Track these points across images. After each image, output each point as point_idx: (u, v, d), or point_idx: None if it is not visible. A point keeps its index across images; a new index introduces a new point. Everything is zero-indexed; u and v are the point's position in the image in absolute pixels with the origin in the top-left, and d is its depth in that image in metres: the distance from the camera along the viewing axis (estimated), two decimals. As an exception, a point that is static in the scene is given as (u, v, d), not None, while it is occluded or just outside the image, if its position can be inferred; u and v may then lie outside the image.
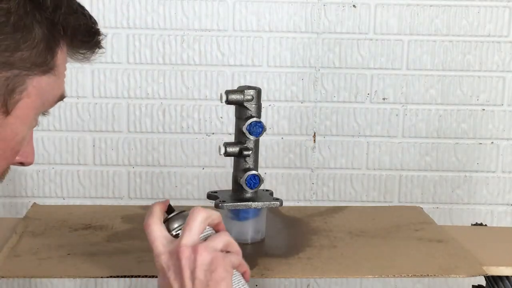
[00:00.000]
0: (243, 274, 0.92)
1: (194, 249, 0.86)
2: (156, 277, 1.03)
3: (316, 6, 1.99)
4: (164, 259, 0.87)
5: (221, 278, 0.86)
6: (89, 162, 2.04)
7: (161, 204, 0.93)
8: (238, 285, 0.89)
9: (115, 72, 1.99)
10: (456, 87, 2.04)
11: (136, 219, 1.28)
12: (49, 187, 2.05)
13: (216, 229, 0.92)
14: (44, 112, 0.83)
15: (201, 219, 0.89)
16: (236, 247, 0.91)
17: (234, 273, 0.90)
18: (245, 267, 0.92)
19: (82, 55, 0.83)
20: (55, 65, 0.79)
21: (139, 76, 2.00)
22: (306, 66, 2.01)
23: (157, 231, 0.89)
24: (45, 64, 0.77)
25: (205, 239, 0.89)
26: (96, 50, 0.83)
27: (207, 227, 0.90)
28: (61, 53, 0.80)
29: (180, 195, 2.04)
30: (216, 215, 0.91)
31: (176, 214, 0.92)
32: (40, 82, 0.78)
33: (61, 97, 0.84)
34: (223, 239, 0.89)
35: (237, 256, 0.90)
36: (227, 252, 0.89)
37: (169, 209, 0.93)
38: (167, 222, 0.91)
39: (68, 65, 0.84)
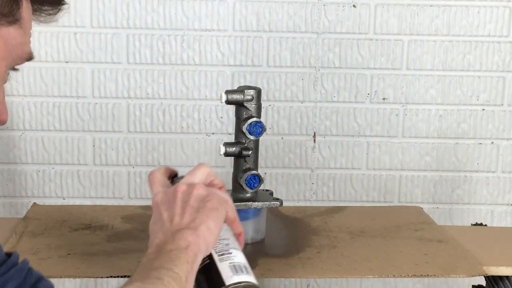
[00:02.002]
0: (237, 237, 0.92)
1: (192, 185, 0.88)
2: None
3: (316, 6, 1.99)
4: (160, 195, 0.88)
5: (214, 207, 0.86)
6: (89, 162, 2.04)
7: (168, 167, 0.96)
8: (227, 244, 0.89)
9: (115, 72, 1.99)
10: (456, 87, 2.04)
11: (136, 219, 1.28)
12: (49, 187, 2.04)
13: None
14: (14, 67, 0.83)
15: (204, 171, 0.91)
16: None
17: (225, 227, 0.90)
18: (240, 228, 0.92)
19: (45, 13, 0.84)
20: (21, 17, 0.80)
21: (139, 76, 2.00)
22: (306, 66, 2.01)
23: (159, 176, 0.92)
24: (11, 15, 0.78)
25: None
26: (60, 6, 0.84)
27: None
28: (27, 5, 0.81)
29: (180, 195, 2.04)
30: (219, 180, 0.92)
31: (181, 177, 0.94)
32: (8, 32, 0.79)
33: (30, 56, 0.84)
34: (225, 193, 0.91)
35: (234, 211, 0.91)
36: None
37: (175, 176, 0.97)
38: (171, 183, 0.93)
39: (68, 65, 0.84)
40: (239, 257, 0.88)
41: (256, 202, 1.17)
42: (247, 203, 1.16)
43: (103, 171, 2.04)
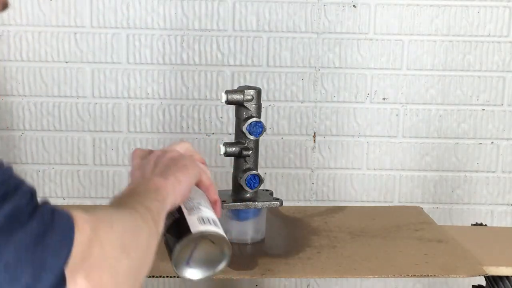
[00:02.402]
0: (213, 205, 0.93)
1: (167, 150, 0.91)
2: (156, 276, 1.03)
3: (316, 6, 1.99)
4: (136, 161, 0.91)
5: (185, 165, 0.88)
6: (89, 162, 2.04)
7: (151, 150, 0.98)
8: (199, 203, 0.90)
9: (115, 72, 1.99)
10: (456, 87, 2.04)
11: (136, 219, 1.28)
12: (49, 187, 2.04)
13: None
14: None
15: (184, 145, 0.94)
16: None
17: (200, 192, 0.92)
18: (216, 195, 0.93)
19: None
20: None
21: (139, 76, 2.00)
22: (306, 66, 2.01)
23: (140, 152, 0.94)
24: None
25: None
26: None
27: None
28: None
29: (180, 195, 2.04)
30: (199, 156, 0.96)
31: None
32: None
33: (5, 4, 0.83)
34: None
35: (209, 178, 0.93)
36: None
37: None
38: None
39: (68, 65, 0.84)
40: (208, 213, 0.89)
41: (256, 202, 1.17)
42: (247, 203, 1.16)
43: (103, 171, 2.04)
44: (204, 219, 0.87)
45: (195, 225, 0.86)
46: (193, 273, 0.86)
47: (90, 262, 0.66)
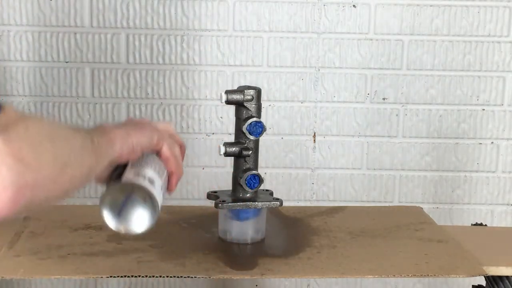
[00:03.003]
0: (170, 176, 0.95)
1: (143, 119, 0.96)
2: (156, 276, 1.03)
3: (316, 6, 1.99)
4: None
5: (142, 127, 0.91)
6: (89, 162, 2.04)
7: None
8: (149, 166, 0.91)
9: (115, 72, 1.99)
10: (456, 87, 2.04)
11: (136, 219, 1.28)
12: (49, 187, 2.04)
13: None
14: None
15: (165, 124, 0.98)
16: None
17: (157, 161, 0.93)
18: (173, 167, 0.95)
19: None
20: None
21: (139, 76, 2.00)
22: (306, 66, 2.01)
23: None
24: None
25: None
26: None
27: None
28: None
29: (180, 195, 2.04)
30: (179, 139, 0.99)
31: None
32: None
33: None
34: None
35: (172, 150, 0.95)
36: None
37: None
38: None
39: (68, 65, 0.85)
40: (150, 174, 0.89)
41: (256, 202, 1.17)
42: (247, 203, 1.16)
43: (103, 171, 2.04)
44: (141, 174, 0.88)
45: (129, 177, 0.87)
46: (116, 224, 0.87)
47: (11, 132, 0.66)
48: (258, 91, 1.17)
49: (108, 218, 0.87)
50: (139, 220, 0.87)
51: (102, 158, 0.83)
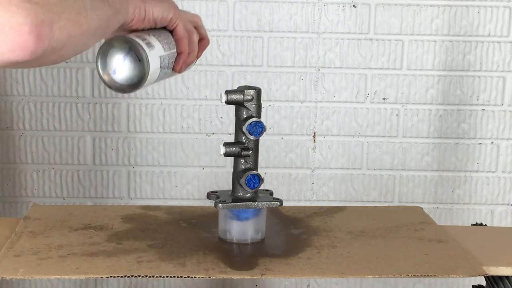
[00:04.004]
0: (178, 56, 0.95)
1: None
2: (156, 276, 1.03)
3: (316, 6, 1.99)
4: None
5: (163, 0, 0.90)
6: (89, 162, 2.04)
7: None
8: (159, 38, 0.91)
9: (115, 72, 1.99)
10: (456, 87, 2.04)
11: (136, 219, 1.28)
12: (49, 187, 2.04)
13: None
14: None
15: (196, 15, 0.98)
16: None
17: (167, 34, 0.93)
18: (184, 48, 0.95)
19: None
20: None
21: (139, 76, 2.00)
22: (306, 66, 2.01)
23: None
24: None
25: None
26: None
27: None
28: None
29: (180, 195, 2.04)
30: (205, 31, 0.99)
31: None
32: None
33: None
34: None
35: (184, 31, 0.95)
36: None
37: None
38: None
39: (68, 65, 0.84)
40: (154, 43, 0.89)
41: (256, 202, 1.17)
42: (247, 203, 1.16)
43: (103, 171, 2.04)
44: (142, 37, 0.88)
45: (131, 36, 0.88)
46: (102, 71, 0.89)
47: None
48: (258, 91, 1.17)
49: (98, 66, 0.89)
50: (122, 69, 0.89)
51: (117, 14, 0.82)
